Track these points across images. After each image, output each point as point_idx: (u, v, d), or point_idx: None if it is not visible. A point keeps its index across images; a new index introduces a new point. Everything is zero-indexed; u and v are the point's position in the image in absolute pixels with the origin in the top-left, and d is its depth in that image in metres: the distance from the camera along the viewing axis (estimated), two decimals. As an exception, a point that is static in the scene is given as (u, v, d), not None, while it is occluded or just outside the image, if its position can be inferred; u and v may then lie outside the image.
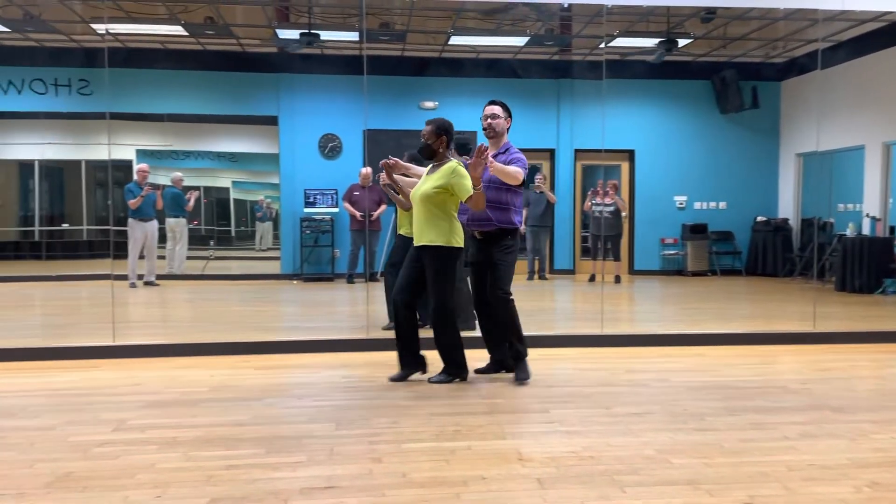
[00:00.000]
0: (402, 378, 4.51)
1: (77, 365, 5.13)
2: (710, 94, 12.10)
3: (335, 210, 11.30)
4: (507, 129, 4.82)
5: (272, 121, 11.83)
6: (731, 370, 4.99)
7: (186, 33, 9.96)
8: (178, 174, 11.63)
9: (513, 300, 4.54)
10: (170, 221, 10.70)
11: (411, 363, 4.53)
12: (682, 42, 10.21)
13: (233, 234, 17.78)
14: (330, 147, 11.60)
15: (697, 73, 12.01)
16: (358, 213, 10.95)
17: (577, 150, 12.09)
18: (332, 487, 2.79)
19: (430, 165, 4.57)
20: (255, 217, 16.72)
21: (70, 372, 4.92)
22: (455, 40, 10.61)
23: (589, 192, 10.90)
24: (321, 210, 11.25)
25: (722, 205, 12.20)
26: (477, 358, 4.75)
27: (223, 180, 16.98)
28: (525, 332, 4.61)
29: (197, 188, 13.62)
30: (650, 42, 10.26)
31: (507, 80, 11.70)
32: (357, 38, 10.24)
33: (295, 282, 11.05)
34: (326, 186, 11.26)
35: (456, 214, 4.42)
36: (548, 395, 4.23)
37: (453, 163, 4.39)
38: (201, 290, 10.30)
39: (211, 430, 3.54)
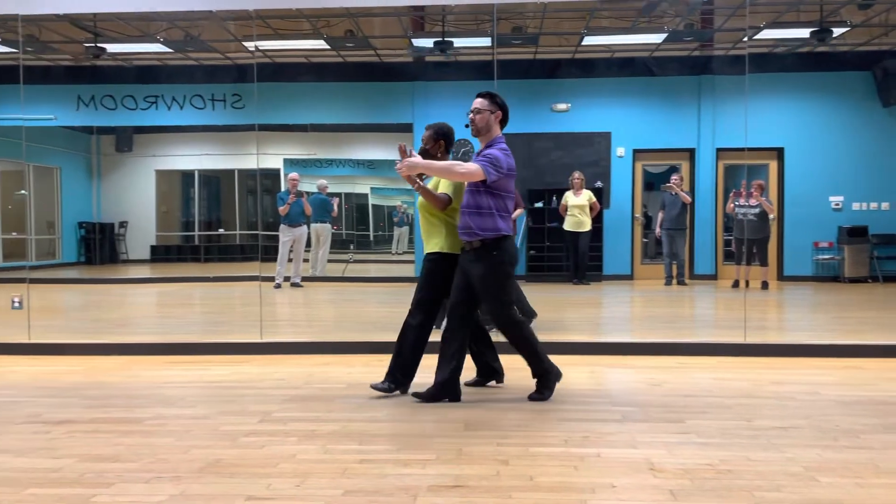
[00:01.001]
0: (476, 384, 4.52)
1: (229, 360, 5.52)
2: (870, 85, 11.16)
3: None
4: (500, 123, 4.15)
5: (407, 128, 12.17)
6: (892, 385, 4.57)
7: (328, 47, 10.46)
8: (324, 181, 12.23)
9: (522, 321, 4.20)
10: (315, 226, 11.25)
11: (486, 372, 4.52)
12: (837, 31, 9.49)
13: (371, 238, 18.48)
14: (462, 152, 11.75)
15: (855, 63, 11.11)
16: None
17: (718, 149, 11.54)
18: (459, 486, 2.83)
19: None
20: (392, 222, 17.28)
21: (222, 366, 5.30)
22: (588, 40, 10.45)
23: (731, 194, 10.37)
24: (454, 214, 11.41)
25: (885, 205, 11.21)
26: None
27: (362, 187, 17.68)
28: (659, 339, 4.46)
29: (338, 195, 14.25)
30: (800, 33, 9.61)
31: (643, 79, 11.37)
32: (489, 44, 10.33)
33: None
34: (460, 191, 11.41)
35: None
36: (684, 405, 4.07)
37: None
38: (341, 292, 10.77)
39: (347, 424, 3.70)
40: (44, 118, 11.63)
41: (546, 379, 4.18)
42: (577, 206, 10.79)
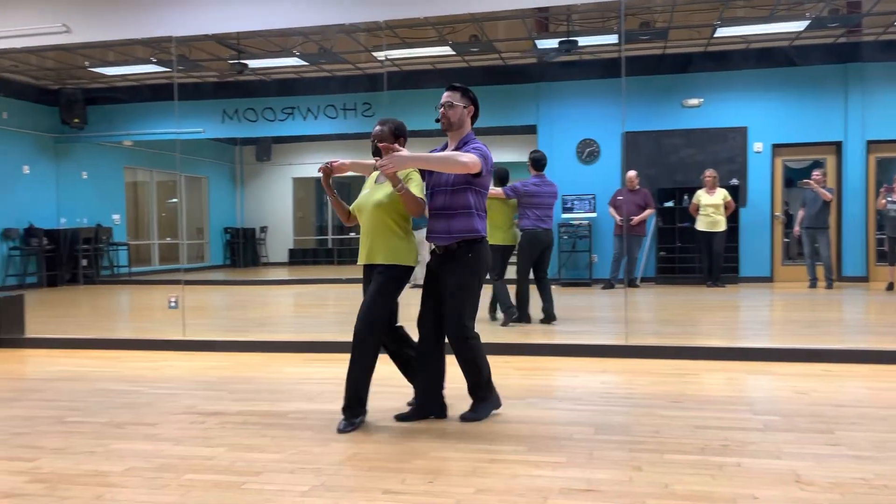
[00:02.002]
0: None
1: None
2: None
3: (593, 215, 11.25)
4: (472, 118, 3.89)
5: (531, 130, 12.14)
6: None
7: (453, 52, 10.62)
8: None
9: (475, 338, 3.79)
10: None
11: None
12: None
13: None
14: (588, 152, 11.59)
15: None
16: (618, 218, 10.80)
17: (869, 142, 10.70)
18: (591, 490, 2.80)
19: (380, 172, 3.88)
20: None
21: (356, 364, 5.51)
22: (722, 32, 10.00)
23: (882, 189, 9.58)
24: (579, 215, 11.28)
25: None
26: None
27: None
28: (803, 345, 4.20)
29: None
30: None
31: (783, 70, 10.75)
32: (616, 41, 10.11)
33: (553, 286, 11.18)
34: (584, 192, 11.27)
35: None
36: (833, 415, 3.81)
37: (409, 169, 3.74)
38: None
39: (477, 424, 3.75)
40: (193, 131, 12.58)
41: (482, 403, 3.87)
42: (710, 205, 10.36)
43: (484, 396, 3.89)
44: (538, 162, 7.25)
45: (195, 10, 6.68)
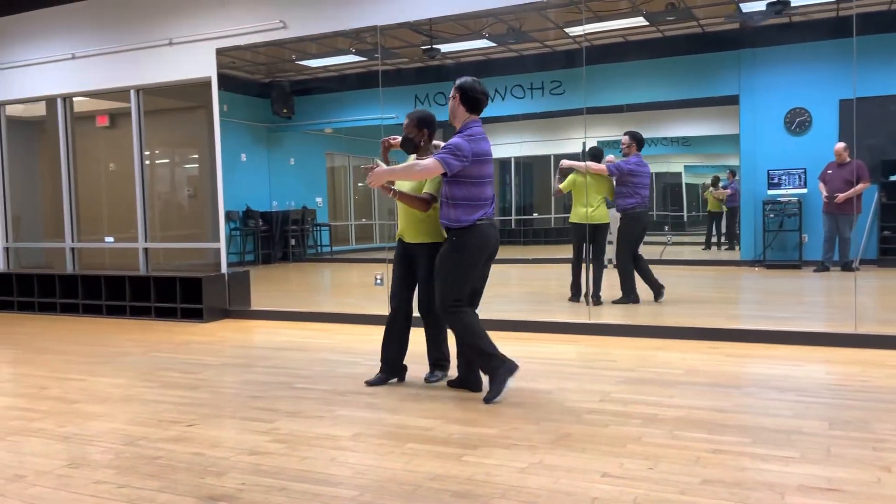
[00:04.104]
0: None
1: (558, 338, 5.72)
2: None
3: (803, 191, 10.33)
4: (464, 106, 4.01)
5: (731, 100, 11.35)
6: None
7: (647, 23, 10.19)
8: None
9: (464, 312, 3.95)
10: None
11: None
12: None
13: (685, 219, 17.67)
14: (798, 122, 10.64)
15: None
16: (824, 193, 9.84)
17: None
18: (834, 490, 2.58)
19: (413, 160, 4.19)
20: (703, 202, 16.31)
21: (554, 344, 5.51)
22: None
23: None
24: (787, 192, 10.40)
25: None
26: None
27: (675, 165, 16.96)
28: None
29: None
30: None
31: None
32: (834, -2, 9.16)
33: (757, 269, 10.46)
34: (793, 166, 10.37)
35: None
36: None
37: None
38: (659, 275, 10.46)
39: (691, 412, 3.59)
40: (387, 117, 13.14)
41: (496, 377, 3.91)
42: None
43: (491, 372, 3.94)
44: (641, 141, 7.24)
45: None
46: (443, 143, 4.23)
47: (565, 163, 7.65)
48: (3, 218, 9.21)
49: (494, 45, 11.43)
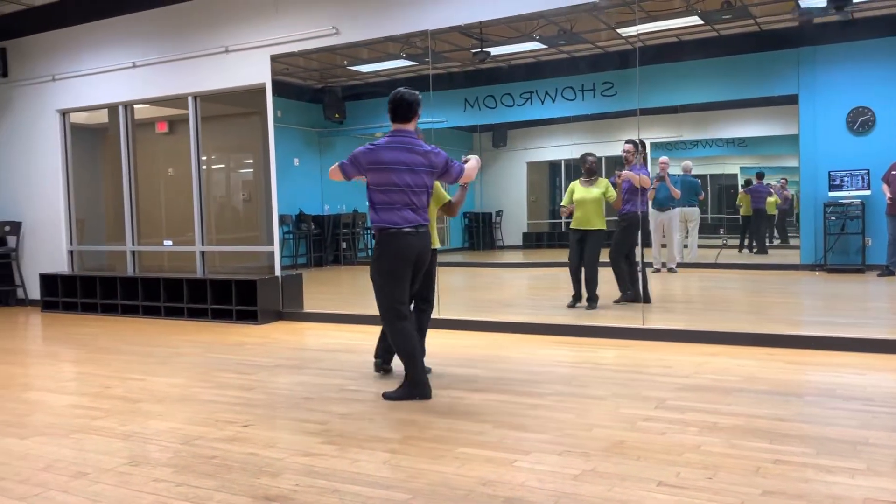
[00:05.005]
0: None
1: (611, 343, 5.63)
2: None
3: (866, 193, 9.97)
4: (391, 115, 4.28)
5: (789, 100, 11.03)
6: None
7: (702, 22, 9.98)
8: (688, 162, 11.80)
9: (398, 324, 4.08)
10: (684, 210, 10.90)
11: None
12: None
13: (740, 222, 17.24)
14: (860, 122, 10.28)
15: None
16: (888, 195, 9.47)
17: None
18: (904, 505, 2.47)
19: None
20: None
21: (607, 349, 5.43)
22: None
23: None
24: (849, 193, 10.06)
25: None
26: None
27: (731, 167, 16.56)
28: None
29: (703, 176, 13.59)
30: None
31: None
32: (900, -7, 8.82)
33: (818, 273, 10.13)
34: (855, 167, 10.02)
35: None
36: None
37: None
38: (715, 279, 10.25)
39: (750, 420, 3.49)
40: (437, 121, 13.18)
41: (409, 389, 4.08)
42: None
43: (410, 381, 4.11)
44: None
45: (445, 3, 6.96)
46: (472, 156, 4.52)
47: (626, 174, 7.70)
48: (68, 222, 9.55)
49: (545, 46, 11.36)
